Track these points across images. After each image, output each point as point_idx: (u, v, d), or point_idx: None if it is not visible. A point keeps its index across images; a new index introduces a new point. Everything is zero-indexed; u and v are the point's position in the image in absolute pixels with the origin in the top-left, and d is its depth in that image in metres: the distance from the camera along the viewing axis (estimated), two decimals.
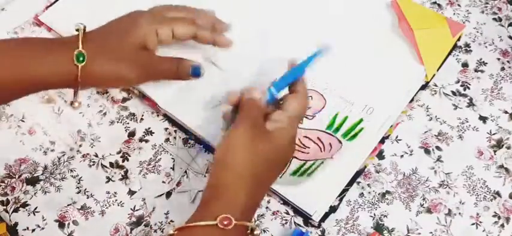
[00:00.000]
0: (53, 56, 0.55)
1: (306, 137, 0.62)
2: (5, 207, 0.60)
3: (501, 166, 0.60)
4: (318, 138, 0.62)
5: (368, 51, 0.67)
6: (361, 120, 0.62)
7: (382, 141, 0.62)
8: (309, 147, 0.61)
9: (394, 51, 0.68)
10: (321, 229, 0.58)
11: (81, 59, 0.54)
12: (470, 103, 0.64)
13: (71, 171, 0.62)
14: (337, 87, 0.65)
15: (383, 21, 0.70)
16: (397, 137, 0.63)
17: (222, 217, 0.47)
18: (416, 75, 0.66)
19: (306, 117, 0.63)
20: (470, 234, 0.57)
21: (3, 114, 0.66)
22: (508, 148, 0.61)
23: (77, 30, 0.56)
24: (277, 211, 0.59)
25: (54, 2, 0.74)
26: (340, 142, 0.61)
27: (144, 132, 0.64)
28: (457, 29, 0.68)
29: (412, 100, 0.65)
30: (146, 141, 0.64)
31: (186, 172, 0.62)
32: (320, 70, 0.60)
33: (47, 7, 0.74)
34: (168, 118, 0.65)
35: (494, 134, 0.62)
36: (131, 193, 0.61)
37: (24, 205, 0.60)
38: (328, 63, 0.59)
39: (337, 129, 0.62)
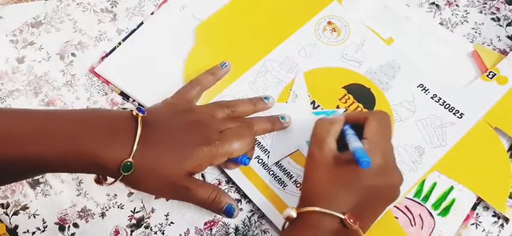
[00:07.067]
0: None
1: (394, 206, 0.57)
2: (5, 210, 0.60)
3: None
4: (406, 207, 0.57)
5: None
6: (451, 188, 0.58)
7: (474, 208, 0.58)
8: (397, 218, 0.56)
9: None
10: None
11: (127, 169, 0.49)
12: None
13: (71, 173, 0.62)
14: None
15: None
16: None
17: (350, 214, 0.44)
18: None
19: None
20: (470, 234, 0.57)
21: None
22: None
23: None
24: None
25: (109, 53, 0.69)
26: (431, 216, 0.56)
27: None
28: None
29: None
30: None
31: None
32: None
33: (103, 58, 0.69)
34: None
35: None
36: (131, 194, 0.61)
37: (25, 208, 0.60)
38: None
39: (426, 198, 0.57)
